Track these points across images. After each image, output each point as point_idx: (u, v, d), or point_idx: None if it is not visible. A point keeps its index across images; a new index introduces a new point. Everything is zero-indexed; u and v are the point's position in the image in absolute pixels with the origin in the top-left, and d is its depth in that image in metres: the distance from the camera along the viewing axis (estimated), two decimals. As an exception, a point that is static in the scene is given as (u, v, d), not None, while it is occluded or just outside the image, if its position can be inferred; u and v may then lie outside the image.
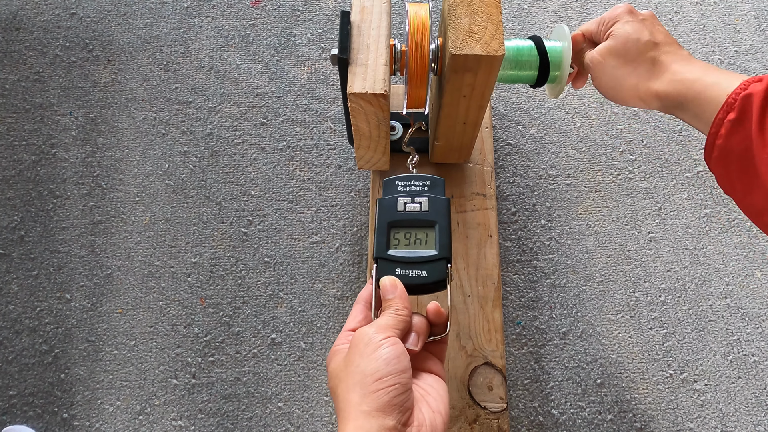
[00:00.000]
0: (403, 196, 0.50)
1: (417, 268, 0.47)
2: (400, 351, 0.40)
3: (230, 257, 0.78)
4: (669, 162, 0.84)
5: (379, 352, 0.39)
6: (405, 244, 0.48)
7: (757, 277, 0.78)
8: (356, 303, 0.47)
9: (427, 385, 0.43)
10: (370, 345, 0.40)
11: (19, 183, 0.82)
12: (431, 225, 0.49)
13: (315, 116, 0.86)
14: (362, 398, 0.38)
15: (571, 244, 0.80)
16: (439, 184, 0.51)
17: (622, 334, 0.75)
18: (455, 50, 0.52)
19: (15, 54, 0.89)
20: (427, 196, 0.50)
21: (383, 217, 0.49)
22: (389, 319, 0.42)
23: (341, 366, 0.41)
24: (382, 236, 0.48)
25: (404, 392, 0.39)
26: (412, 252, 0.47)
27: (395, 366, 0.39)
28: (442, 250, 0.47)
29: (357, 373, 0.39)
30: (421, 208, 0.49)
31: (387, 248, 0.48)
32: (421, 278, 0.46)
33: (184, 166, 0.83)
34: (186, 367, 0.73)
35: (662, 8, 0.94)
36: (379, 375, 0.38)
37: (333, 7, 0.93)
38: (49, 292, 0.77)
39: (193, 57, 0.90)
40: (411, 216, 0.49)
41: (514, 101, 0.88)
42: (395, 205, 0.50)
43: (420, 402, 0.41)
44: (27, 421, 0.71)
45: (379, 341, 0.40)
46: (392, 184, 0.51)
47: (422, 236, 0.48)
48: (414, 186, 0.51)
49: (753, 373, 0.73)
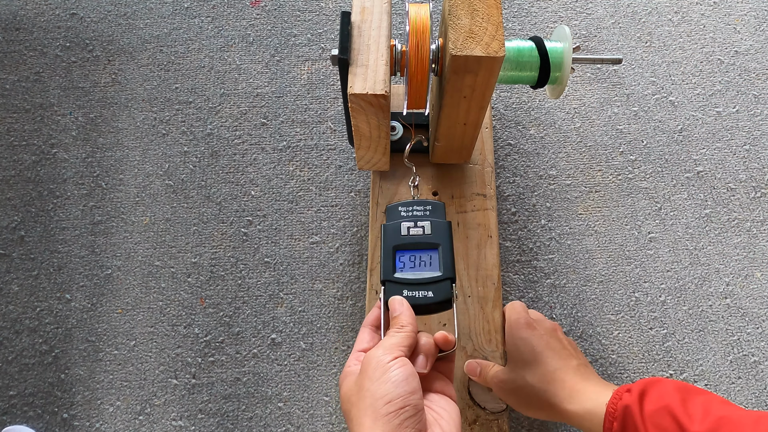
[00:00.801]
0: (406, 221, 0.53)
1: (423, 289, 0.49)
2: (408, 372, 0.40)
3: (230, 257, 0.78)
4: (669, 162, 0.84)
5: (389, 375, 0.40)
6: (410, 267, 0.50)
7: (757, 278, 0.78)
8: (363, 326, 0.48)
9: (440, 408, 0.43)
10: (378, 368, 0.40)
11: (19, 183, 0.82)
12: (434, 247, 0.51)
13: (315, 116, 0.86)
14: (374, 422, 0.38)
15: (571, 244, 0.80)
16: (440, 208, 0.54)
17: (622, 334, 0.75)
18: (455, 51, 0.52)
19: (15, 54, 0.89)
20: (429, 221, 0.53)
21: (388, 242, 0.52)
22: (394, 337, 0.43)
23: (353, 390, 0.42)
24: (388, 260, 0.51)
25: (416, 414, 0.39)
26: (418, 274, 0.50)
27: (404, 388, 0.39)
28: (446, 271, 0.49)
29: (368, 396, 0.40)
30: (424, 231, 0.52)
31: (393, 271, 0.50)
32: (428, 299, 0.48)
33: (184, 166, 0.83)
34: (186, 367, 0.73)
35: (662, 8, 0.94)
36: (389, 398, 0.39)
37: (333, 7, 0.93)
38: (49, 292, 0.77)
39: (193, 57, 0.90)
40: (415, 239, 0.52)
41: (514, 101, 0.88)
42: (399, 229, 0.52)
43: (433, 425, 0.41)
44: (27, 421, 0.71)
45: (387, 363, 0.40)
46: (395, 210, 0.54)
47: (426, 258, 0.51)
48: (416, 211, 0.54)
49: (753, 373, 0.73)
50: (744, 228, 0.81)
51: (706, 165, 0.84)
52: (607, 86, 0.88)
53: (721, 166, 0.84)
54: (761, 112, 0.87)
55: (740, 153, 0.85)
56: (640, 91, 0.88)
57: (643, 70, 0.90)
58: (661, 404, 0.47)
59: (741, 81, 0.89)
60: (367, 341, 0.47)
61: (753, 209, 0.82)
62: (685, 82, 0.89)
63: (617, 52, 0.91)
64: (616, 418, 0.48)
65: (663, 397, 0.47)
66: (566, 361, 0.55)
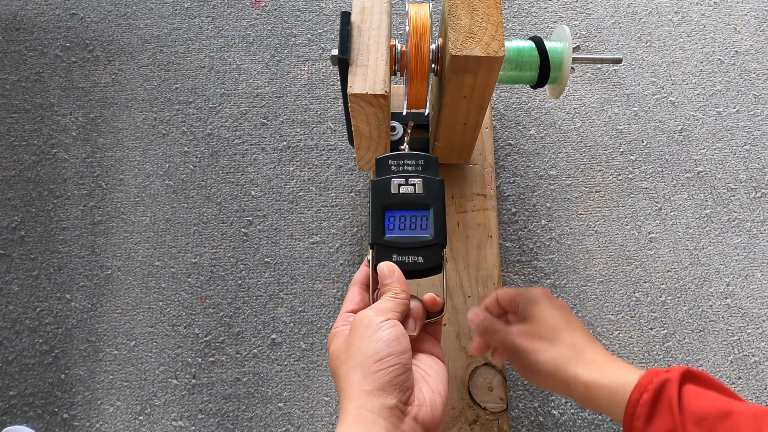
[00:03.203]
0: (396, 177, 0.49)
1: (413, 254, 0.47)
2: (399, 332, 0.41)
3: (230, 257, 0.78)
4: (669, 162, 0.84)
5: (379, 333, 0.40)
6: (400, 229, 0.48)
7: (757, 278, 0.78)
8: (352, 285, 0.48)
9: (427, 366, 0.44)
10: (370, 327, 0.41)
11: (19, 183, 0.82)
12: (426, 208, 0.48)
13: (315, 116, 0.86)
14: (363, 378, 0.39)
15: (572, 244, 0.80)
16: (433, 163, 0.50)
17: (623, 334, 0.75)
18: (455, 51, 0.52)
19: (15, 54, 0.89)
20: (421, 177, 0.49)
21: (377, 200, 0.49)
22: (388, 302, 0.43)
23: (342, 348, 0.42)
24: (377, 221, 0.48)
25: (404, 372, 0.40)
26: (408, 237, 0.48)
27: (395, 347, 0.40)
28: (437, 235, 0.48)
29: (358, 354, 0.40)
30: (416, 190, 0.49)
31: (383, 234, 0.48)
32: (418, 264, 0.47)
33: (185, 166, 0.83)
34: (186, 367, 0.73)
35: (662, 8, 0.94)
36: (379, 356, 0.39)
37: (333, 8, 0.93)
38: (49, 293, 0.77)
39: (194, 57, 0.90)
40: (406, 199, 0.49)
41: (514, 101, 0.88)
42: (389, 186, 0.49)
43: (420, 382, 0.42)
44: (27, 422, 0.71)
45: (379, 323, 0.41)
46: (385, 164, 0.50)
47: (417, 220, 0.48)
48: (407, 165, 0.50)
49: (753, 373, 0.73)
50: (744, 228, 0.81)
51: (707, 165, 0.84)
52: (607, 86, 0.88)
53: (721, 166, 0.84)
54: (761, 112, 0.87)
55: (740, 153, 0.85)
56: (640, 91, 0.88)
57: (643, 70, 0.90)
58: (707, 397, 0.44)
59: (741, 81, 0.89)
60: (356, 302, 0.47)
61: (753, 209, 0.82)
62: (685, 82, 0.89)
63: (617, 52, 0.91)
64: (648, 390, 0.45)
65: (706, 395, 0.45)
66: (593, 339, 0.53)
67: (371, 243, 0.48)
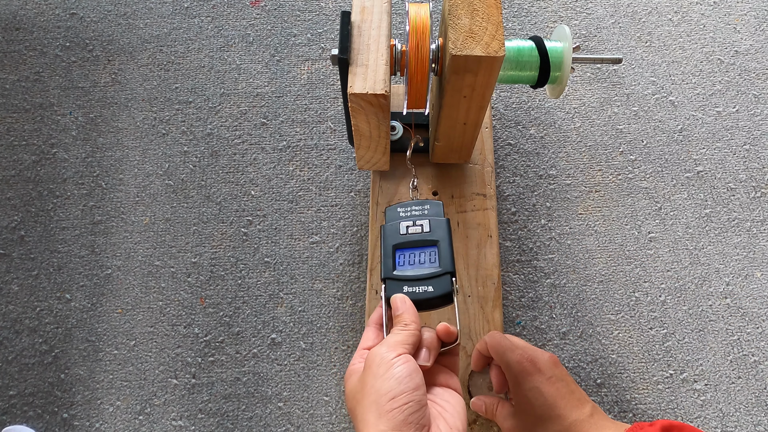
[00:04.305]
0: (405, 221, 0.53)
1: (423, 284, 0.49)
2: (412, 368, 0.41)
3: (230, 257, 0.78)
4: (669, 162, 0.84)
5: (392, 371, 0.40)
6: (410, 264, 0.51)
7: (757, 277, 0.78)
8: (368, 325, 0.48)
9: (444, 401, 0.43)
10: (382, 365, 0.41)
11: (19, 183, 0.82)
12: (433, 244, 0.51)
13: (315, 116, 0.86)
14: (378, 418, 0.39)
15: (571, 244, 0.80)
16: (438, 206, 0.54)
17: (622, 334, 0.75)
18: (455, 51, 0.52)
19: (15, 54, 0.89)
20: (428, 219, 0.53)
21: (388, 241, 0.52)
22: (399, 335, 0.43)
23: (357, 387, 0.42)
24: (388, 258, 0.51)
25: (419, 409, 0.39)
26: (418, 270, 0.50)
27: (408, 384, 0.40)
28: (445, 265, 0.50)
29: (372, 393, 0.40)
30: (423, 229, 0.52)
31: (393, 269, 0.50)
32: (428, 293, 0.48)
33: (184, 166, 0.83)
34: (186, 367, 0.73)
35: (662, 8, 0.94)
36: (392, 394, 0.39)
37: (333, 7, 0.93)
38: (49, 292, 0.77)
39: (193, 57, 0.90)
40: (414, 238, 0.52)
41: (514, 101, 0.88)
42: (398, 229, 0.53)
43: (437, 419, 0.41)
44: (27, 421, 0.71)
45: (391, 360, 0.41)
46: (394, 211, 0.55)
47: (426, 255, 0.51)
48: (414, 211, 0.54)
49: (753, 373, 0.73)
50: (744, 228, 0.81)
51: (706, 165, 0.84)
52: (607, 86, 0.88)
53: (721, 166, 0.84)
54: (761, 112, 0.87)
55: (740, 153, 0.85)
56: (640, 91, 0.88)
57: (643, 70, 0.90)
58: None
59: (741, 81, 0.89)
60: (371, 339, 0.47)
61: (753, 209, 0.82)
62: (685, 82, 0.89)
63: (617, 52, 0.91)
64: None
65: None
66: (580, 411, 0.54)
67: (382, 278, 0.50)
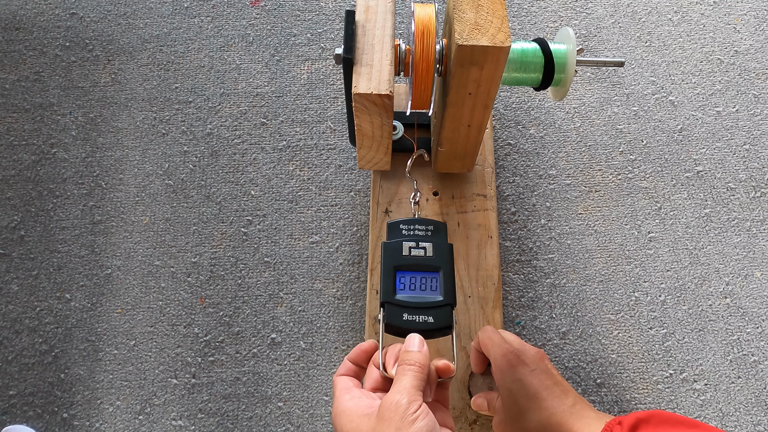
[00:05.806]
0: (407, 241, 0.52)
1: (423, 313, 0.48)
2: (432, 422, 0.40)
3: (230, 257, 0.78)
4: (669, 162, 0.84)
5: (416, 426, 0.40)
6: (411, 289, 0.50)
7: (757, 277, 0.78)
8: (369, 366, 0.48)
9: None
10: (405, 419, 0.40)
11: (19, 183, 0.82)
12: (436, 270, 0.50)
13: (315, 116, 0.86)
14: None
15: (571, 243, 0.80)
16: (442, 229, 0.53)
17: (622, 333, 0.75)
18: (461, 41, 0.51)
19: (15, 54, 0.89)
20: (431, 242, 0.52)
21: (389, 261, 0.51)
22: (413, 378, 0.42)
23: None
24: (388, 280, 0.50)
25: None
26: (418, 297, 0.49)
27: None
28: (447, 296, 0.49)
29: None
30: (425, 253, 0.51)
31: (394, 293, 0.49)
32: (428, 324, 0.48)
33: (184, 165, 0.83)
34: (186, 366, 0.73)
35: (662, 8, 0.94)
36: None
37: (333, 7, 0.93)
38: (49, 292, 0.76)
39: (193, 57, 0.89)
40: (416, 261, 0.51)
41: (514, 101, 0.88)
42: (400, 249, 0.51)
43: None
44: (27, 421, 0.71)
45: (413, 414, 0.40)
46: (396, 228, 0.53)
47: (427, 281, 0.50)
48: (418, 230, 0.53)
49: (753, 373, 0.74)
50: (744, 228, 0.81)
51: (706, 165, 0.84)
52: (607, 86, 0.89)
53: (720, 165, 0.84)
54: (761, 112, 0.87)
55: (740, 153, 0.85)
56: (640, 91, 0.88)
57: (643, 69, 0.90)
58: None
59: (741, 81, 0.89)
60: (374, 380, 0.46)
61: (753, 209, 0.82)
62: (685, 82, 0.89)
63: (617, 52, 0.91)
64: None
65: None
66: (561, 401, 0.54)
67: (382, 302, 0.49)
